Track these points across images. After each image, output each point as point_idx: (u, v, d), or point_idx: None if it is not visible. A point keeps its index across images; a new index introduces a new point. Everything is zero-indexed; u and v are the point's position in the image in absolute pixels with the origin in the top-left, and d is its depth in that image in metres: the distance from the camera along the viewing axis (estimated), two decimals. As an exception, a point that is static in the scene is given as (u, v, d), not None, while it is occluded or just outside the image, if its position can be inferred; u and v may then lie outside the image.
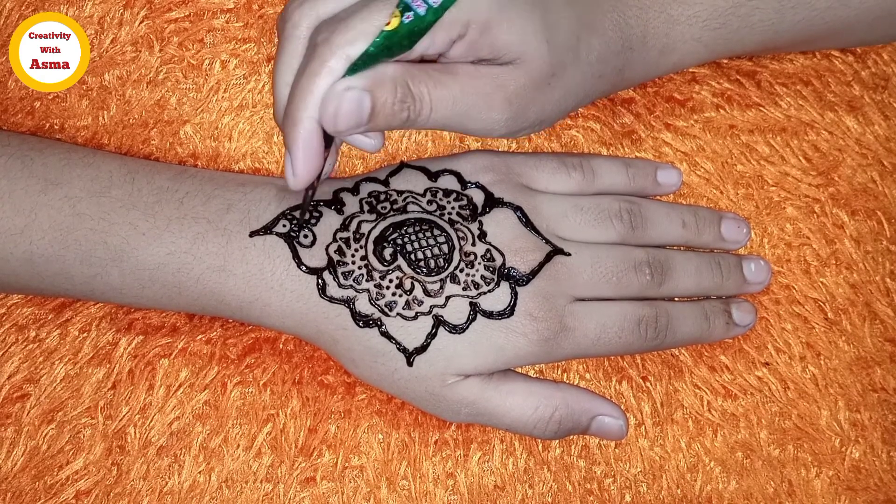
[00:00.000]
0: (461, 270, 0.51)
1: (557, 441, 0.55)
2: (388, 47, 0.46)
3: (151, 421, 0.54)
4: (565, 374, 0.56)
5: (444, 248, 0.51)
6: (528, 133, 0.53)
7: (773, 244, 0.58)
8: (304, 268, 0.51)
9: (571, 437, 0.55)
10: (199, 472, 0.54)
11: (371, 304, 0.50)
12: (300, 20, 0.48)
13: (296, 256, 0.51)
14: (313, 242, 0.51)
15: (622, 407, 0.55)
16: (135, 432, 0.54)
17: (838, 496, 0.56)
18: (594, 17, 0.52)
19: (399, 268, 0.51)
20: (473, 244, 0.51)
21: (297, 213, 0.52)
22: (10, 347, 0.55)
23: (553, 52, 0.50)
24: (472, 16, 0.47)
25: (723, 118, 0.59)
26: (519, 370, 0.55)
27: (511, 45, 0.48)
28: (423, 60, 0.49)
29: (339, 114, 0.46)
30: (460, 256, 0.51)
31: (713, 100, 0.59)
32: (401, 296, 0.50)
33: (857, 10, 0.57)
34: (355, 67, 0.46)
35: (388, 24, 0.46)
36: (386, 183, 0.54)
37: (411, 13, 0.46)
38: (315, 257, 0.51)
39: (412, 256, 0.51)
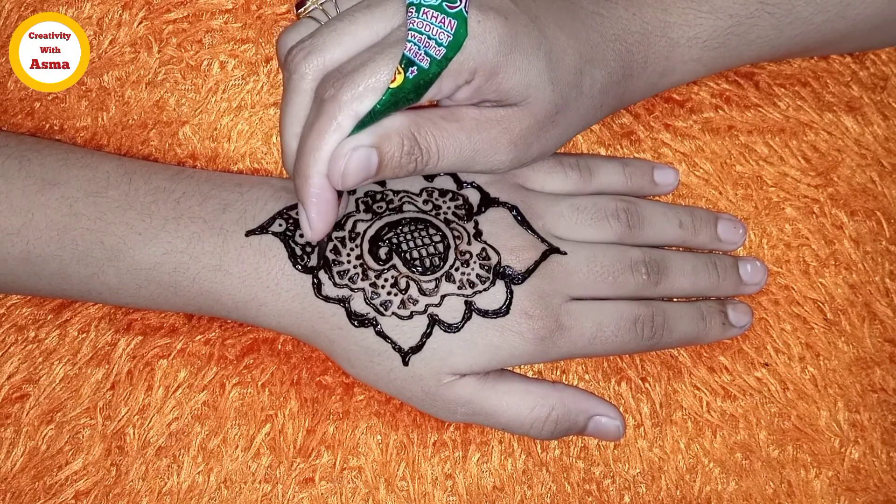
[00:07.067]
0: (456, 269, 0.51)
1: (556, 442, 0.55)
2: (395, 103, 0.46)
3: (150, 421, 0.54)
4: (564, 375, 0.56)
5: (440, 246, 0.51)
6: (529, 164, 0.54)
7: (772, 245, 0.58)
8: (299, 267, 0.51)
9: (570, 438, 0.55)
10: (198, 473, 0.54)
11: (366, 303, 0.50)
12: (307, 71, 0.48)
13: (291, 256, 0.51)
14: (309, 242, 0.51)
15: (621, 408, 0.55)
16: (134, 433, 0.54)
17: (838, 497, 0.56)
18: (597, 50, 0.52)
19: (394, 267, 0.50)
20: (469, 243, 0.51)
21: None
22: (9, 348, 0.55)
23: (557, 91, 0.50)
24: (479, 63, 0.47)
25: (722, 119, 0.59)
26: (517, 370, 0.55)
27: (517, 88, 0.49)
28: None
29: (347, 173, 0.47)
30: (456, 255, 0.51)
31: (712, 100, 0.59)
32: (396, 295, 0.50)
33: (854, 21, 0.57)
34: (363, 123, 0.46)
35: (392, 80, 0.46)
36: (382, 183, 0.54)
37: (415, 67, 0.46)
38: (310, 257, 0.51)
39: (407, 255, 0.51)
